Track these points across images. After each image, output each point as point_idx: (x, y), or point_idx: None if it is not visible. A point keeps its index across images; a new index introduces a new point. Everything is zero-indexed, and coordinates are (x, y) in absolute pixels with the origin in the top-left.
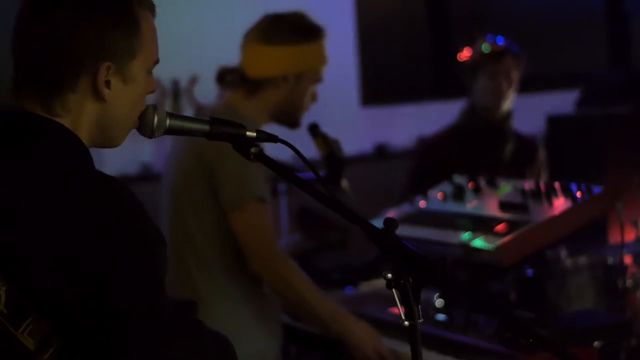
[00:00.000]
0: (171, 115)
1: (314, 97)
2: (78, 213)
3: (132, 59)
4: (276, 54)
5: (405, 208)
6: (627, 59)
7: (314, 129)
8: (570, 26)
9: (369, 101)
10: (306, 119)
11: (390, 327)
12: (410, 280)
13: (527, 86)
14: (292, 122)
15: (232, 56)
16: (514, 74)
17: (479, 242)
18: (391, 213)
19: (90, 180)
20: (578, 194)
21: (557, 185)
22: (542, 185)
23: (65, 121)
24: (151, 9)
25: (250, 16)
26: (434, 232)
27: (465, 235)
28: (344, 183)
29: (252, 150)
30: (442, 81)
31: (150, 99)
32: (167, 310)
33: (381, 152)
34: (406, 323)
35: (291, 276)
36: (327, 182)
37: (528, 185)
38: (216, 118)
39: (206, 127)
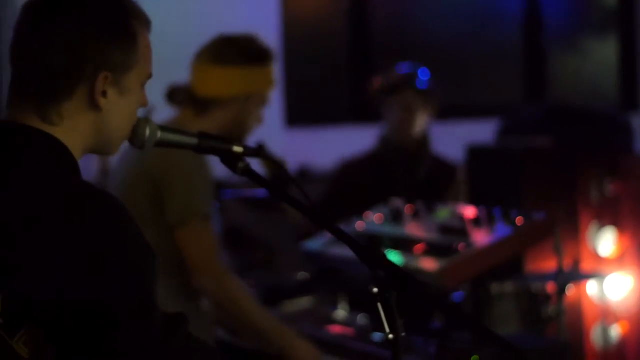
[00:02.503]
0: (162, 128)
1: (259, 120)
2: (73, 226)
3: (129, 72)
4: (226, 75)
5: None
6: (543, 92)
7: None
8: (489, 58)
9: (294, 122)
10: None
11: (327, 345)
12: (395, 294)
13: (446, 114)
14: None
15: None
16: (416, 106)
17: (418, 264)
18: (325, 234)
19: (84, 194)
20: (518, 220)
21: (497, 211)
22: (482, 211)
23: (60, 130)
24: (147, 25)
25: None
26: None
27: (400, 257)
28: None
29: (240, 165)
30: (363, 106)
31: None
32: (159, 324)
33: (304, 174)
34: (390, 336)
35: (236, 292)
36: (272, 201)
37: (467, 210)
38: (205, 133)
39: (195, 141)
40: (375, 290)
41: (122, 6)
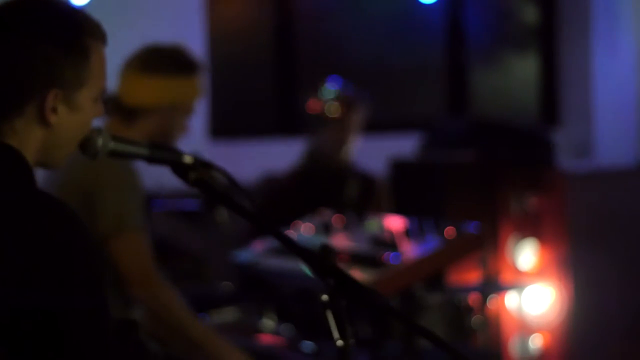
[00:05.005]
0: (115, 139)
1: (184, 129)
2: (31, 233)
3: (80, 88)
4: (153, 84)
5: (272, 239)
6: (465, 107)
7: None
8: (411, 73)
9: (218, 133)
10: None
11: (259, 355)
12: (344, 302)
13: (368, 128)
14: None
15: None
16: (357, 122)
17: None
18: (258, 244)
19: (42, 203)
20: (448, 233)
21: (427, 222)
22: (412, 222)
23: (13, 143)
24: (102, 39)
25: None
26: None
27: None
28: (221, 213)
29: (192, 175)
30: (288, 118)
31: None
32: (112, 329)
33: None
34: (339, 342)
35: (171, 302)
36: (204, 210)
37: (397, 221)
38: (156, 143)
39: (147, 152)
40: (325, 297)
41: (75, 23)
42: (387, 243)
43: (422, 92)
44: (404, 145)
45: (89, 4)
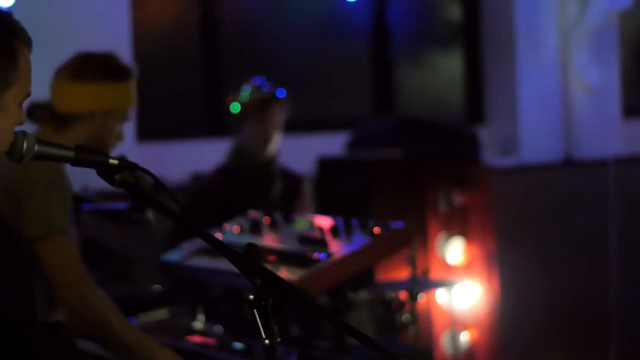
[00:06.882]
0: (39, 142)
1: (119, 136)
2: None
3: (6, 89)
4: (85, 90)
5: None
6: (391, 106)
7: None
8: (337, 72)
9: (145, 136)
10: None
11: (189, 355)
12: (270, 301)
13: (294, 127)
14: None
15: None
16: (279, 119)
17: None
18: (187, 245)
19: None
20: (375, 230)
21: (354, 221)
22: (340, 221)
23: None
24: (29, 44)
25: None
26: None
27: None
28: (150, 214)
29: (117, 177)
30: (215, 119)
31: None
32: (38, 331)
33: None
34: (266, 341)
35: (98, 304)
36: (133, 211)
37: (325, 220)
38: (81, 146)
39: (72, 154)
40: (251, 297)
41: (4, 25)
42: (316, 242)
43: (348, 91)
44: (331, 145)
45: (13, 4)
